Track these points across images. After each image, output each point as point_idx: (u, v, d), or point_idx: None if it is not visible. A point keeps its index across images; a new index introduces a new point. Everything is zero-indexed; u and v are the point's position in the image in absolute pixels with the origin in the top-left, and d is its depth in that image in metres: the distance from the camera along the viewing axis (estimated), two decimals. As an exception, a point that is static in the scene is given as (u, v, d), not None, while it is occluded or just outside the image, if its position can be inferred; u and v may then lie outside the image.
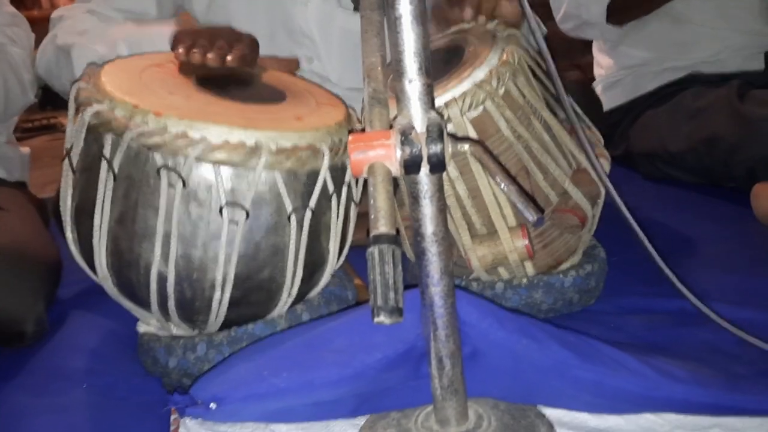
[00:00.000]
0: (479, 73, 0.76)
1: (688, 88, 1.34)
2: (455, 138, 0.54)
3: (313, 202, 0.72)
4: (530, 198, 0.52)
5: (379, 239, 0.48)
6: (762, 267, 0.93)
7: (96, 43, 0.98)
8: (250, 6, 1.11)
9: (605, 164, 0.85)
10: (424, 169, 0.53)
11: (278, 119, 0.72)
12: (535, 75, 0.84)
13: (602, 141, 0.89)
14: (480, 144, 0.54)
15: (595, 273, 0.87)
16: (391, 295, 0.46)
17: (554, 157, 0.82)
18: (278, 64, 0.95)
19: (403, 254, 0.89)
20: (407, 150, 0.51)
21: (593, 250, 0.91)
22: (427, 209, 0.56)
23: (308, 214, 0.72)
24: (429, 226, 0.56)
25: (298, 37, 1.14)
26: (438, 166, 0.52)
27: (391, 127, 0.53)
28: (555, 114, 0.86)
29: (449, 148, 0.53)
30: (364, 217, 0.54)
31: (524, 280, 0.84)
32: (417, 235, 0.57)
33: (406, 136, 0.52)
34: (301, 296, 0.79)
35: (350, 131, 0.73)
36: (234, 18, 1.10)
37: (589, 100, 1.14)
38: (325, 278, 0.80)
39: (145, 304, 0.75)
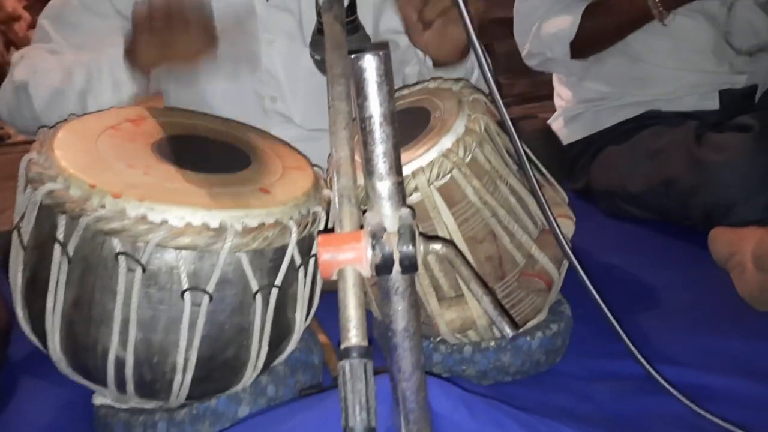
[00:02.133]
0: (446, 142, 0.76)
1: (647, 125, 1.36)
2: (427, 238, 0.53)
3: (279, 279, 0.71)
4: (505, 311, 0.51)
5: (349, 353, 0.46)
6: (721, 322, 0.95)
7: (51, 72, 0.95)
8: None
9: (569, 226, 0.85)
10: (397, 269, 0.52)
11: (243, 194, 0.70)
12: (502, 130, 0.84)
13: (567, 200, 0.90)
14: (452, 246, 0.53)
15: (561, 332, 0.87)
16: (363, 415, 0.45)
17: (520, 220, 0.83)
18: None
19: (369, 312, 0.88)
20: (378, 252, 0.50)
21: (559, 307, 0.91)
22: (399, 305, 0.55)
23: (274, 291, 0.70)
24: (400, 322, 0.55)
25: (263, 75, 1.11)
26: (410, 267, 0.51)
27: (361, 227, 0.52)
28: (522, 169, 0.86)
29: (421, 249, 0.52)
30: None
31: (492, 343, 0.84)
32: (388, 330, 0.56)
33: (377, 238, 0.50)
34: (266, 366, 0.77)
35: (321, 234, 0.71)
36: None
37: (551, 146, 1.14)
38: (291, 347, 0.79)
39: (102, 384, 0.71)
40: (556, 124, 1.55)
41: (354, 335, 0.47)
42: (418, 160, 0.75)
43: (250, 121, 0.93)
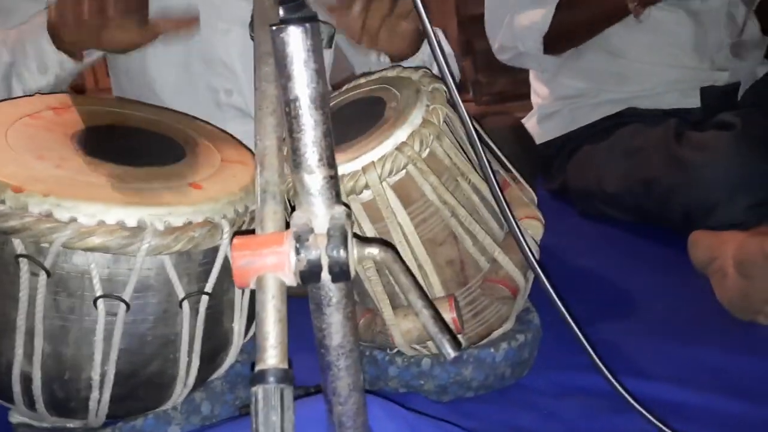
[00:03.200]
0: (401, 134, 0.68)
1: (625, 123, 1.31)
2: (363, 240, 0.46)
3: (210, 285, 0.63)
4: (447, 328, 0.44)
5: (264, 377, 0.39)
6: (700, 332, 0.89)
7: None
8: None
9: (537, 228, 0.79)
10: (327, 277, 0.44)
11: (169, 188, 0.62)
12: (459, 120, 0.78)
13: (535, 200, 0.83)
14: (392, 249, 0.46)
15: (528, 343, 0.81)
16: (277, 451, 0.37)
17: (484, 221, 0.76)
18: (172, 24, 0.85)
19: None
20: (304, 257, 0.43)
21: (527, 315, 0.85)
22: (333, 318, 0.47)
23: (204, 299, 0.63)
24: (335, 337, 0.48)
25: (217, 67, 1.04)
26: (341, 275, 0.44)
27: (287, 227, 0.45)
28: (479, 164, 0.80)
29: (355, 254, 0.45)
30: None
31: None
32: (321, 346, 0.48)
33: (302, 241, 0.43)
34: (201, 381, 0.70)
35: (237, 235, 0.63)
36: None
37: (521, 143, 1.08)
38: (229, 360, 0.71)
39: (9, 401, 0.64)
40: (532, 121, 1.49)
41: (271, 356, 0.40)
42: (369, 154, 0.68)
43: (203, 116, 0.85)
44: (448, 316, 0.73)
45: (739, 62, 1.30)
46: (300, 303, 0.49)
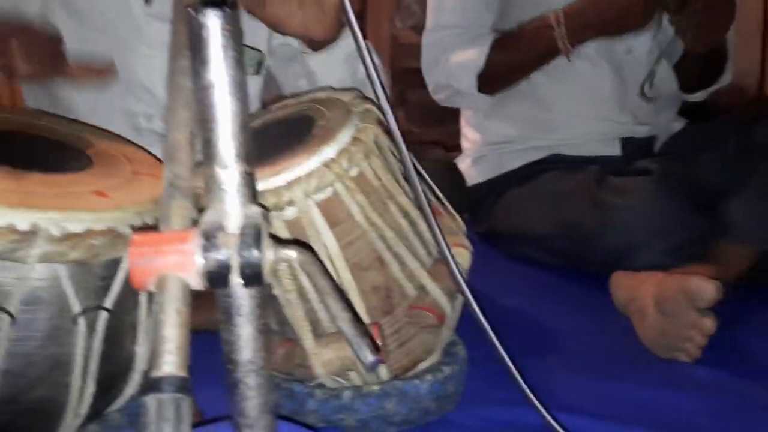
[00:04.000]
0: (329, 151, 0.66)
1: (550, 168, 1.34)
2: (280, 242, 0.43)
3: (111, 300, 0.57)
4: (367, 332, 0.41)
5: (159, 385, 0.35)
6: (623, 368, 0.90)
7: None
8: (84, 52, 0.96)
9: (465, 256, 0.77)
10: (237, 280, 0.41)
11: (71, 194, 0.57)
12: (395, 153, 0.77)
13: (464, 229, 0.82)
14: (310, 252, 0.43)
15: (454, 376, 0.78)
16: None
17: (412, 246, 0.74)
18: (89, 72, 0.80)
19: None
20: (211, 258, 0.39)
21: (453, 348, 0.82)
22: (243, 329, 0.43)
23: (104, 316, 0.57)
24: (245, 352, 0.43)
25: (138, 91, 1.00)
26: (253, 278, 0.40)
27: (196, 224, 0.41)
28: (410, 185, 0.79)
29: (270, 256, 0.41)
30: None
31: (376, 388, 0.73)
32: (228, 361, 0.44)
33: (210, 238, 0.40)
34: (97, 412, 0.63)
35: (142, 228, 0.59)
36: None
37: (452, 178, 1.08)
38: (130, 389, 0.65)
39: None
40: (462, 165, 1.51)
41: (168, 362, 0.36)
42: (294, 169, 0.65)
43: None
44: (372, 345, 0.69)
45: (657, 115, 1.37)
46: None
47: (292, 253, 0.43)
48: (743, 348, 0.95)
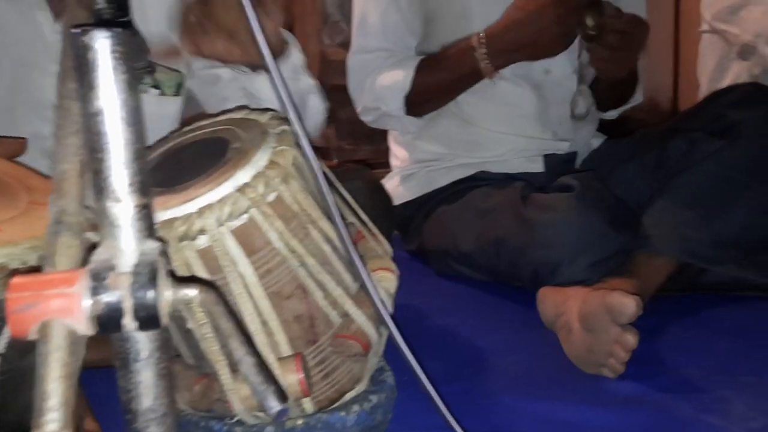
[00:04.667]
0: (243, 176, 0.63)
1: (477, 186, 1.35)
2: (180, 280, 0.40)
3: (2, 344, 0.52)
4: (272, 378, 0.38)
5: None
6: (551, 386, 0.90)
7: None
8: None
9: (391, 280, 0.75)
10: (131, 324, 0.37)
11: (-47, 229, 0.52)
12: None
13: (390, 252, 0.81)
14: (215, 290, 0.40)
15: (382, 404, 0.76)
16: None
17: (335, 272, 0.71)
18: None
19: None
20: (101, 300, 0.36)
21: (381, 375, 0.80)
22: (142, 375, 0.40)
23: (-9, 363, 0.52)
24: (144, 400, 0.40)
25: (45, 112, 0.94)
26: (149, 321, 0.37)
27: (85, 264, 0.37)
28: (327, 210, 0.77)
29: (167, 296, 0.38)
30: None
31: (299, 422, 0.70)
32: (127, 411, 0.40)
33: (100, 279, 0.36)
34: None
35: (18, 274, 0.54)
36: None
37: (378, 198, 1.07)
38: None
39: None
40: (391, 183, 1.50)
41: (51, 420, 0.32)
42: (206, 195, 0.62)
43: (29, 163, 0.75)
44: (295, 377, 0.66)
45: (577, 132, 1.40)
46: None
47: (192, 292, 0.39)
48: (665, 360, 0.97)
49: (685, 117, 1.31)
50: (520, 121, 1.36)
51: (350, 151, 2.80)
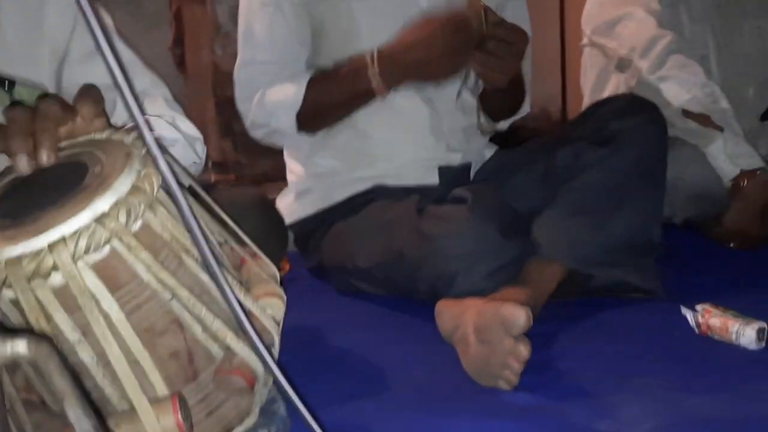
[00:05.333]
0: (102, 204, 0.57)
1: (375, 199, 1.33)
2: (7, 333, 0.34)
3: None
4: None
5: None
6: (450, 400, 0.89)
7: None
8: None
9: (278, 306, 0.71)
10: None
11: None
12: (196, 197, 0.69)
13: (277, 276, 0.77)
14: (47, 342, 0.35)
15: (273, 439, 0.71)
16: None
17: (215, 302, 0.66)
18: None
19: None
20: None
21: (272, 406, 0.75)
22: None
23: None
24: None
25: None
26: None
27: None
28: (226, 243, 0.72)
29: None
30: None
31: (181, 467, 0.64)
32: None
33: None
34: None
35: None
36: None
37: (268, 216, 1.02)
38: None
39: None
40: (287, 199, 1.46)
41: None
42: (58, 228, 0.55)
43: None
44: (171, 419, 0.61)
45: (469, 143, 1.42)
46: None
47: (20, 348, 0.34)
48: (560, 367, 0.99)
49: (570, 127, 1.36)
50: (414, 134, 1.36)
51: (248, 166, 2.72)
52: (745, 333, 0.97)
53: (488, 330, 0.90)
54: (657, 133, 1.24)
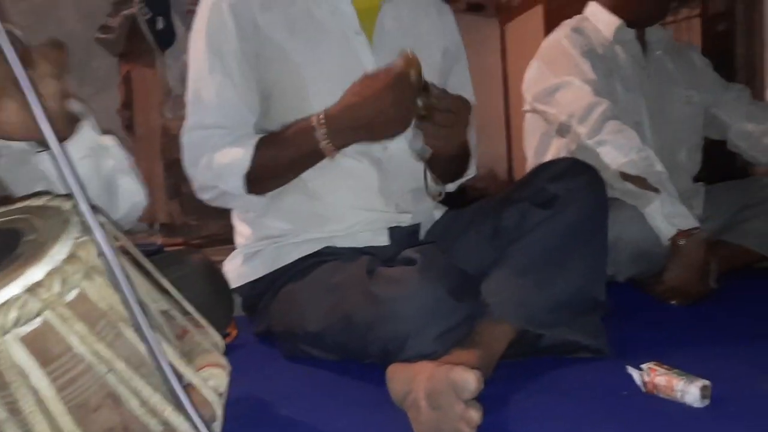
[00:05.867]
0: (35, 273, 0.55)
1: (325, 261, 1.32)
2: None
3: None
4: None
5: None
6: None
7: None
8: None
9: (221, 376, 0.69)
10: None
11: None
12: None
13: (221, 345, 0.74)
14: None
15: None
16: None
17: (155, 375, 0.64)
18: None
19: None
20: None
21: (215, 482, 0.72)
22: None
23: None
24: None
25: None
26: None
27: None
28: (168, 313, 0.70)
29: None
30: None
31: None
32: None
33: None
34: None
35: None
36: None
37: (211, 283, 1.00)
38: None
39: None
40: (235, 262, 1.44)
41: None
42: (-14, 299, 0.53)
43: None
44: (104, 502, 0.57)
45: (419, 204, 1.44)
46: None
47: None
48: (511, 431, 0.98)
49: (515, 188, 1.40)
50: (364, 195, 1.37)
51: (197, 228, 2.68)
52: (689, 391, 0.99)
53: (439, 395, 0.88)
54: (597, 195, 1.29)
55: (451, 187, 1.50)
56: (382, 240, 1.39)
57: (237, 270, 1.41)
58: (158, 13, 2.64)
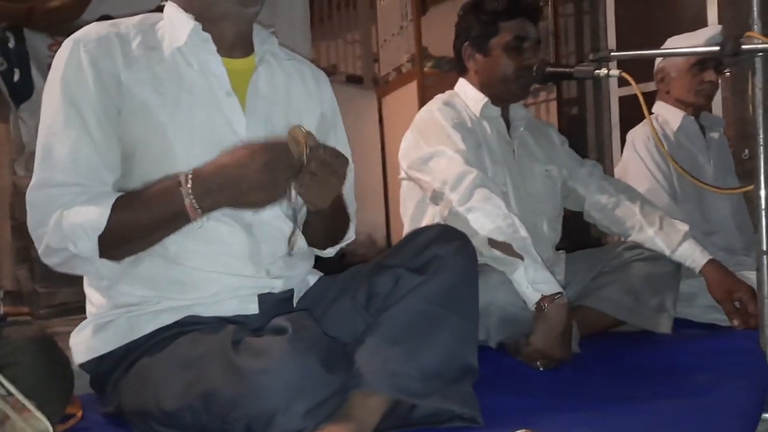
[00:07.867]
0: None
1: (185, 332, 1.22)
2: None
3: None
4: None
5: None
6: None
7: None
8: None
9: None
10: None
11: None
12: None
13: (50, 429, 0.64)
14: None
15: None
16: None
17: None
18: None
19: None
20: None
21: None
22: None
23: None
24: None
25: None
26: None
27: None
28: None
29: None
30: None
31: None
32: None
33: None
34: None
35: None
36: None
37: (47, 358, 0.88)
38: None
39: None
40: (84, 334, 1.29)
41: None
42: None
43: None
44: None
45: (291, 270, 1.38)
46: None
47: None
48: None
49: (390, 254, 1.39)
50: (231, 261, 1.29)
51: (47, 296, 2.44)
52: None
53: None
54: (468, 261, 1.31)
55: (331, 251, 1.46)
56: (252, 308, 1.31)
57: (86, 343, 1.27)
58: (15, 65, 2.46)
